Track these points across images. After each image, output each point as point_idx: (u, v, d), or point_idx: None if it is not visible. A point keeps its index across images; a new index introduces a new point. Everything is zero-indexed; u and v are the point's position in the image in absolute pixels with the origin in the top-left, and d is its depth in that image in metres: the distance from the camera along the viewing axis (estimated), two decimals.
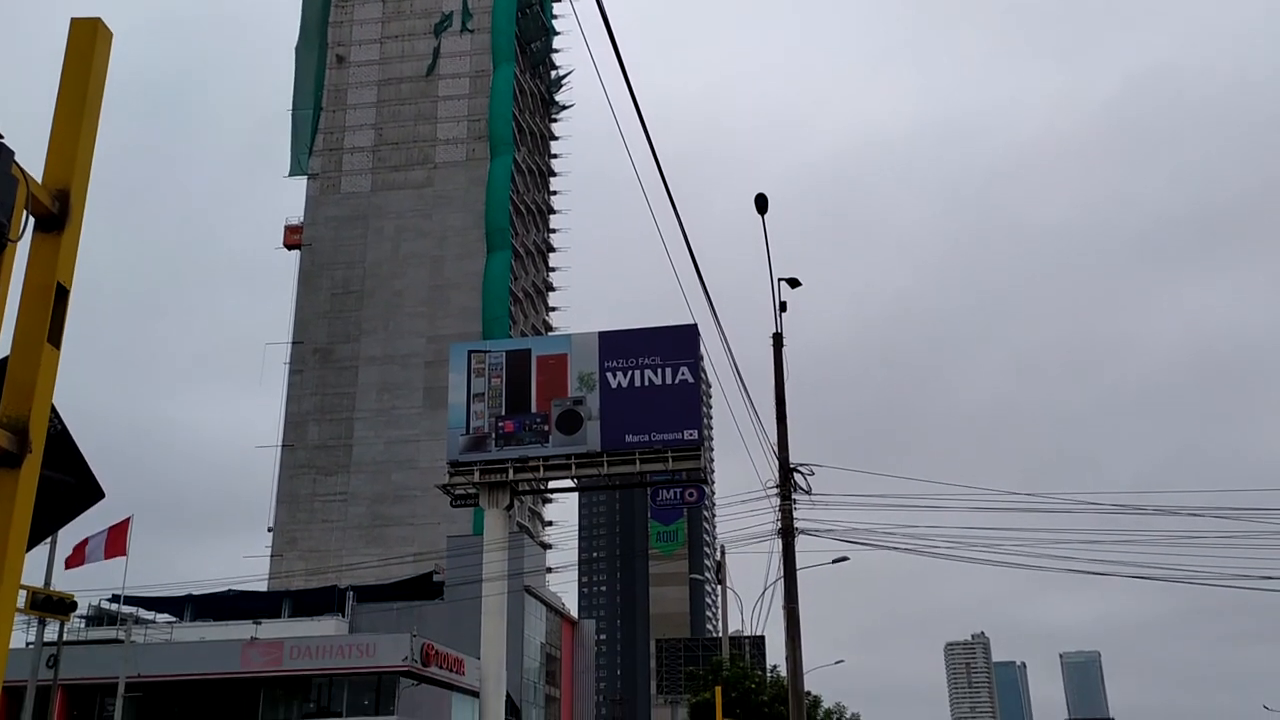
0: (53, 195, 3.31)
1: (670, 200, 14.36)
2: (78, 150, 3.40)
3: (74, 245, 3.34)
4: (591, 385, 42.02)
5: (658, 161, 13.03)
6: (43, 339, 3.15)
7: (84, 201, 3.43)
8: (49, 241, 3.29)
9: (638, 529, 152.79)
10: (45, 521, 3.44)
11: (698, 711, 38.00)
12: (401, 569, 59.89)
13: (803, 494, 24.40)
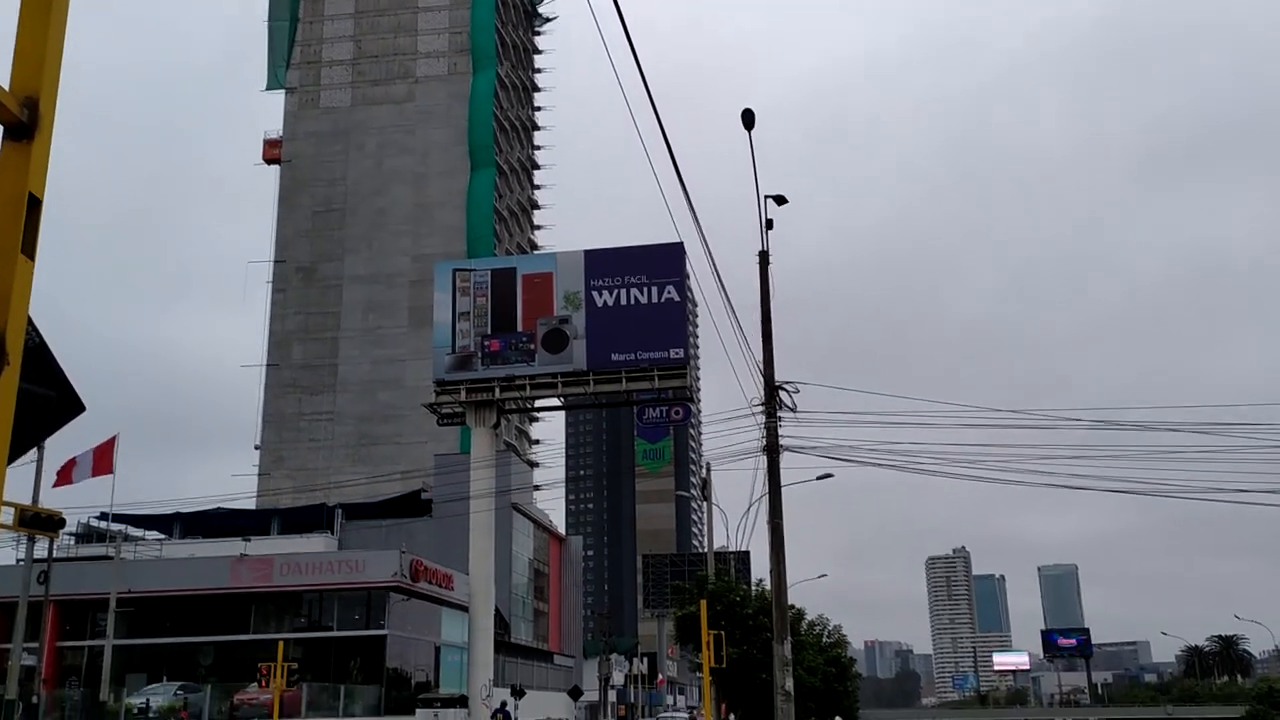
0: (21, 103, 3.21)
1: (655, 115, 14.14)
2: (45, 55, 3.29)
3: (45, 154, 3.25)
4: (577, 304, 41.92)
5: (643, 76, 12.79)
6: (16, 249, 3.07)
7: (54, 109, 3.33)
8: (19, 150, 3.20)
9: (624, 447, 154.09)
10: (25, 435, 3.39)
11: (683, 624, 38.64)
12: (389, 487, 60.33)
13: (788, 411, 24.56)
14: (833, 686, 41.26)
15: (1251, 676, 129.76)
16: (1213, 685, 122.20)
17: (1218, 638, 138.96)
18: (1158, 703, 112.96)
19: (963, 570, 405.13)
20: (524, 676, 60.56)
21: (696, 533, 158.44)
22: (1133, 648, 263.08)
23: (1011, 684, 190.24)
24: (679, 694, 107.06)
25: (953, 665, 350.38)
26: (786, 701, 22.99)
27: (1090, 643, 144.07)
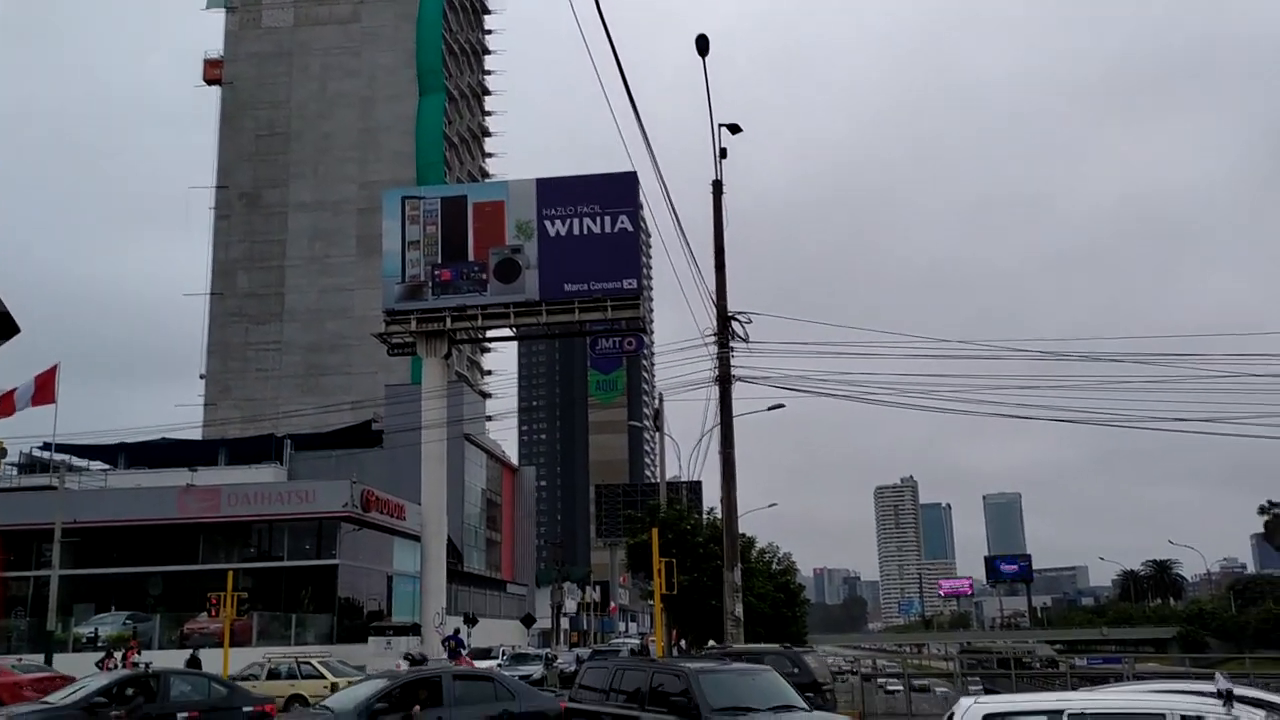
0: None
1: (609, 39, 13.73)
2: None
3: None
4: (529, 233, 41.41)
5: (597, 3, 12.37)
6: None
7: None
8: None
9: (577, 377, 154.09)
10: None
11: (635, 553, 38.97)
12: (339, 417, 59.77)
13: (740, 342, 24.53)
14: (781, 612, 41.97)
15: (1183, 599, 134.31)
16: (1146, 608, 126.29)
17: (1152, 562, 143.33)
18: (1094, 625, 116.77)
19: (910, 499, 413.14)
20: (477, 605, 60.96)
21: (649, 463, 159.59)
22: (1072, 573, 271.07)
23: (955, 609, 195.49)
24: (631, 621, 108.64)
25: (899, 591, 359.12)
26: (736, 627, 23.30)
27: (1031, 568, 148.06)
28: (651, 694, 13.73)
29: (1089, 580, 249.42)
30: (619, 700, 14.28)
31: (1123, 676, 25.66)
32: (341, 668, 29.91)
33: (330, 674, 28.54)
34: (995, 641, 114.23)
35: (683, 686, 13.26)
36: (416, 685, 15.92)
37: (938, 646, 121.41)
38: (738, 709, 12.87)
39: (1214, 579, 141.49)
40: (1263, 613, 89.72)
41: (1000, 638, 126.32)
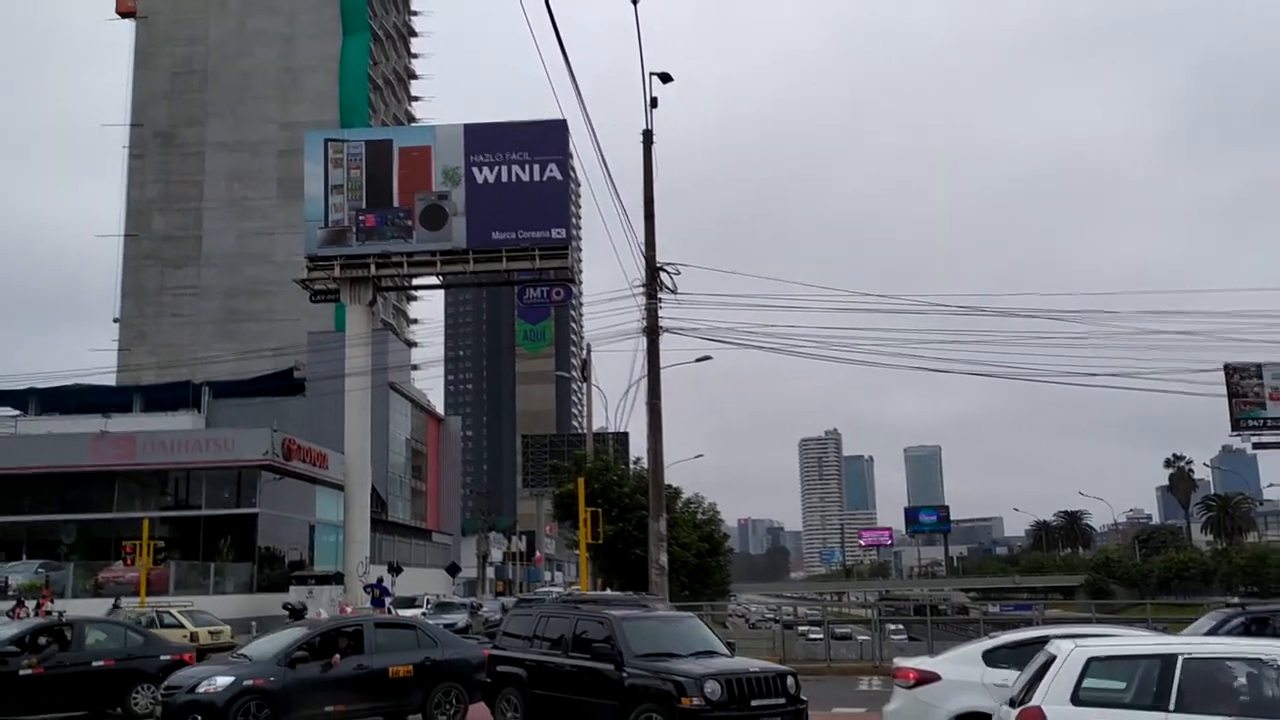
0: None
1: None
2: None
3: None
4: (457, 180, 40.80)
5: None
6: None
7: None
8: None
9: (505, 327, 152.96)
10: None
11: (561, 503, 39.08)
12: (260, 364, 58.57)
13: (668, 293, 24.45)
14: (705, 561, 42.48)
15: (1091, 548, 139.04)
16: (1057, 557, 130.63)
17: (1063, 513, 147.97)
18: (1007, 573, 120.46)
19: (834, 451, 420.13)
20: (402, 554, 60.69)
21: (576, 414, 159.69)
22: (987, 523, 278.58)
23: (875, 558, 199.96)
24: (557, 570, 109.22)
25: (821, 541, 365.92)
26: (661, 575, 23.46)
27: (949, 519, 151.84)
28: (575, 640, 13.80)
29: (1004, 531, 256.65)
30: (543, 647, 14.32)
31: (1032, 622, 26.49)
32: (205, 617, 29.41)
33: (191, 624, 28.03)
34: (913, 590, 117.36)
35: (606, 633, 13.34)
36: (337, 634, 15.77)
37: (857, 595, 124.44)
38: (660, 655, 12.98)
39: (1121, 529, 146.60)
40: (1164, 561, 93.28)
41: (918, 586, 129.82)
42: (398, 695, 15.60)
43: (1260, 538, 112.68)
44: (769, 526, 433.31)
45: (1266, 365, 75.54)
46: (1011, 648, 11.10)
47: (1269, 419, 78.77)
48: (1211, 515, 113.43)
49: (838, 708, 17.72)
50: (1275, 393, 78.50)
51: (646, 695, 12.37)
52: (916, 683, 11.10)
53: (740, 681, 12.32)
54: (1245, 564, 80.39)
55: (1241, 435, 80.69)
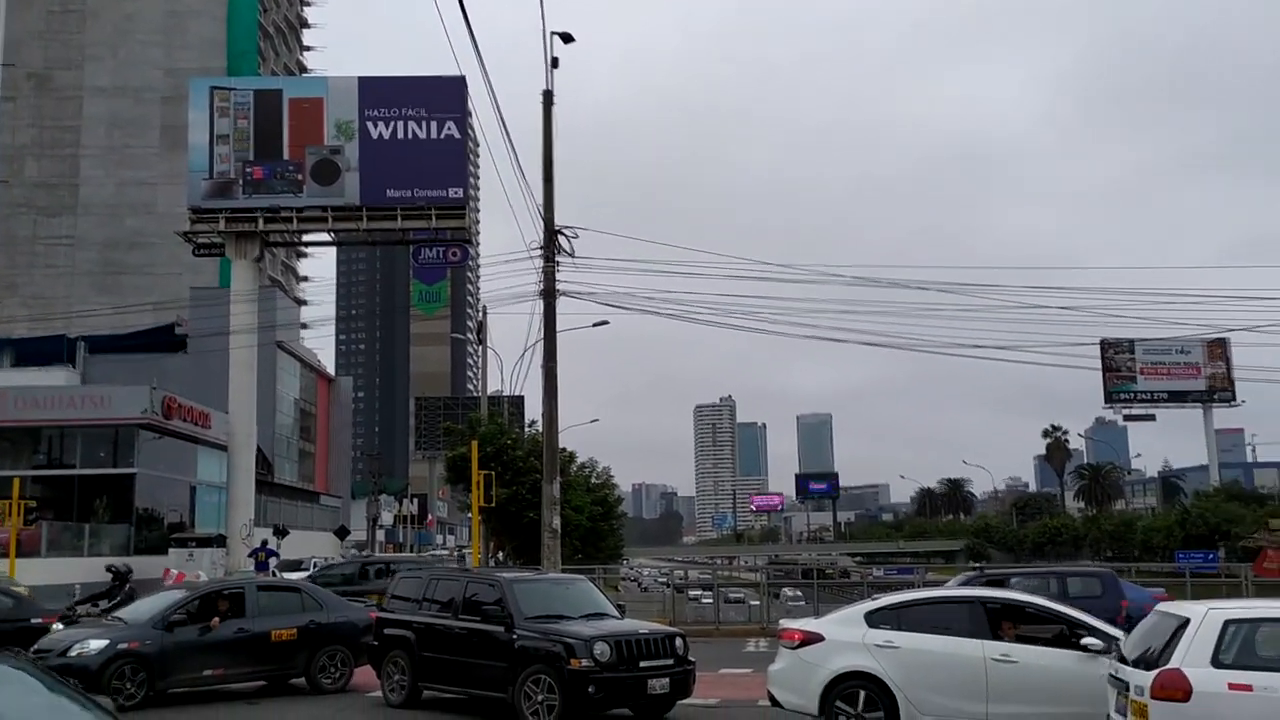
0: None
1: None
2: None
3: None
4: (350, 134, 39.78)
5: None
6: None
7: None
8: None
9: (399, 287, 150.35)
10: None
11: (454, 466, 38.69)
12: (140, 319, 56.36)
13: (566, 257, 24.30)
14: (599, 525, 42.61)
15: (972, 515, 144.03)
16: (940, 522, 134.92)
17: (947, 481, 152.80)
18: (892, 539, 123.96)
19: (728, 418, 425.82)
20: (288, 517, 59.49)
21: (472, 376, 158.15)
22: (875, 490, 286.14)
23: (766, 523, 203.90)
24: (449, 534, 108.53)
25: (714, 506, 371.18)
26: (553, 539, 23.46)
27: (838, 485, 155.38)
28: (465, 603, 13.78)
29: (890, 497, 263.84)
30: (432, 610, 14.25)
31: (914, 585, 27.30)
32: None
33: None
34: (801, 554, 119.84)
35: (497, 596, 13.37)
36: (217, 597, 15.40)
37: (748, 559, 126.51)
38: (550, 617, 13.04)
39: (1000, 496, 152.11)
40: (1039, 526, 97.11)
41: (806, 550, 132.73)
42: (280, 659, 15.34)
43: (1127, 505, 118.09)
44: (663, 491, 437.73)
45: (1139, 341, 79.35)
46: (891, 609, 11.42)
47: (1139, 393, 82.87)
48: (1084, 484, 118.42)
49: (725, 668, 17.99)
50: (1146, 368, 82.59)
51: (536, 657, 12.41)
52: (801, 643, 11.32)
53: (629, 643, 12.43)
54: (1112, 530, 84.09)
55: (1114, 407, 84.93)
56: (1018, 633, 10.94)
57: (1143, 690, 8.20)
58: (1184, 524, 65.11)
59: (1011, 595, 12.18)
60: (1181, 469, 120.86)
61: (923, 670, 10.71)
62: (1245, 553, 49.74)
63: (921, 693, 10.65)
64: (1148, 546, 70.39)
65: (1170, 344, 78.33)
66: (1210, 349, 79.95)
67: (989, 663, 10.51)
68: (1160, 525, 72.63)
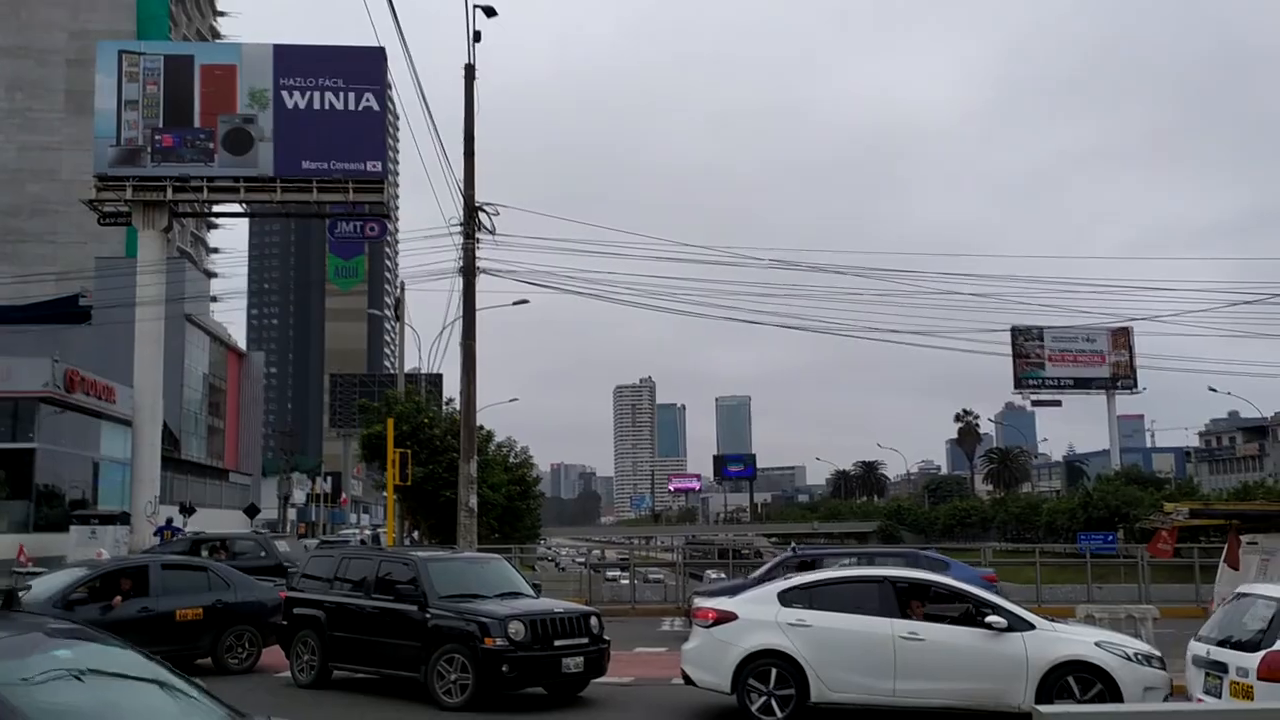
0: None
1: None
2: None
3: None
4: (264, 103, 38.78)
5: None
6: None
7: None
8: None
9: (314, 260, 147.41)
10: None
11: (369, 444, 38.10)
12: (41, 289, 54.30)
13: (487, 234, 24.03)
14: (516, 505, 42.35)
15: (886, 496, 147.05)
16: (854, 504, 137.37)
17: (862, 463, 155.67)
18: (807, 519, 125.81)
19: (648, 399, 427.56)
20: (196, 494, 58.14)
21: (389, 353, 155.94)
22: (791, 472, 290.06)
23: (684, 504, 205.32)
24: (364, 513, 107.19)
25: (632, 487, 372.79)
26: (469, 518, 23.28)
27: (755, 467, 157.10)
28: (378, 582, 13.64)
29: (806, 479, 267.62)
30: (344, 589, 14.05)
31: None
32: None
33: None
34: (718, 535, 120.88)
35: (411, 575, 13.25)
36: (119, 575, 14.99)
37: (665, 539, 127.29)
38: (465, 596, 12.97)
39: (913, 479, 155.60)
40: (949, 508, 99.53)
41: (723, 531, 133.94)
42: (185, 639, 14.96)
43: (1034, 488, 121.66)
44: (581, 472, 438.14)
45: (1048, 329, 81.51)
46: (803, 588, 11.59)
47: (1047, 379, 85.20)
48: (993, 467, 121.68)
49: (640, 647, 18.07)
50: (1054, 355, 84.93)
51: (450, 636, 12.32)
52: (715, 622, 11.41)
53: (544, 622, 12.40)
54: (1019, 512, 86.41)
55: (1023, 393, 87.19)
56: (926, 611, 11.19)
57: (1247, 672, 8.30)
58: (1086, 506, 67.19)
59: (920, 575, 12.46)
60: (1085, 453, 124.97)
61: (833, 648, 10.89)
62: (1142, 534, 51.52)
63: (831, 670, 10.83)
64: (1052, 528, 72.51)
65: (1077, 332, 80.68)
66: (1114, 338, 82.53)
67: (897, 641, 10.73)
68: (1064, 507, 74.88)
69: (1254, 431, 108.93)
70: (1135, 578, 28.05)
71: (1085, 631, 11.57)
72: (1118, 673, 10.38)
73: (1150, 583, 26.88)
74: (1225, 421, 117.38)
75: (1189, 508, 13.43)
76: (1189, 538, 27.04)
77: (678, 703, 12.29)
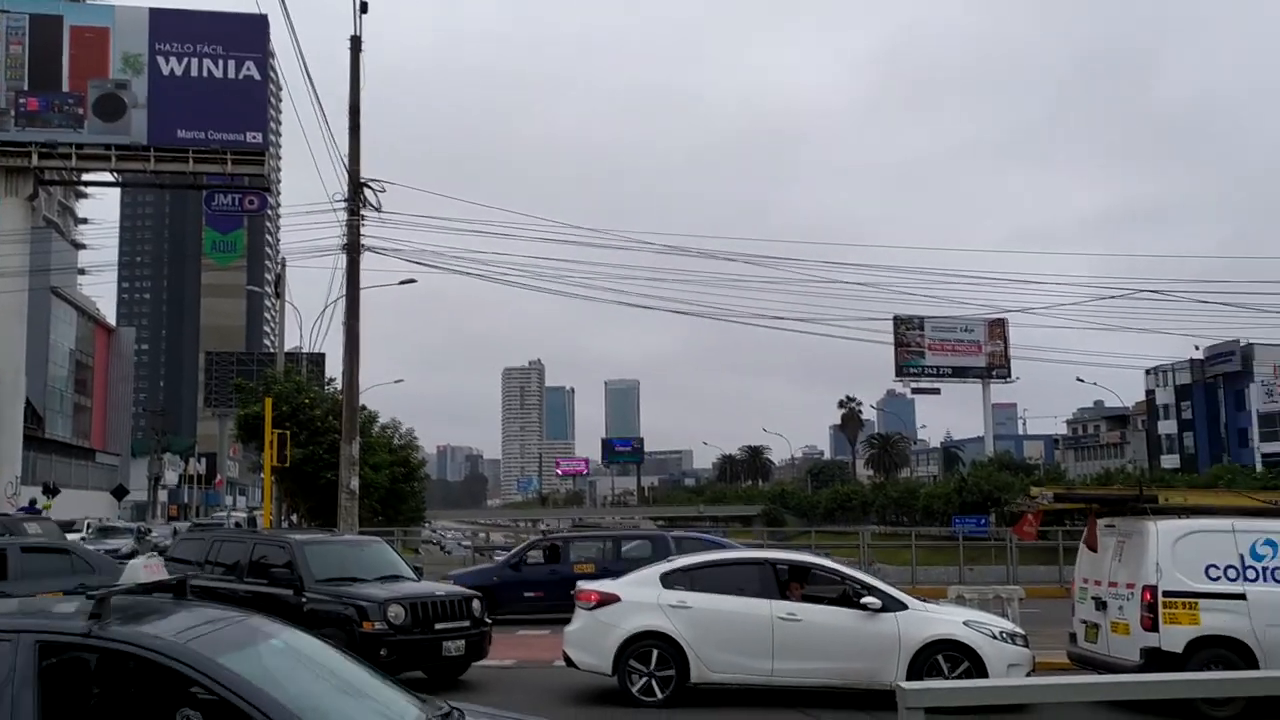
0: None
1: None
2: None
3: None
4: (139, 68, 37.18)
5: None
6: None
7: None
8: None
9: (191, 233, 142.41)
10: None
11: (246, 424, 37.05)
12: None
13: (372, 210, 23.53)
14: (400, 487, 41.80)
15: (770, 481, 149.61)
16: (739, 488, 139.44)
17: (747, 448, 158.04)
18: (693, 503, 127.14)
19: (536, 382, 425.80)
20: (60, 474, 55.79)
21: (269, 331, 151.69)
22: (678, 455, 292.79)
23: (571, 487, 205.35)
24: (240, 495, 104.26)
25: (520, 470, 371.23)
26: (351, 500, 22.84)
27: (643, 451, 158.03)
28: (252, 566, 13.30)
29: (693, 463, 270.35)
30: (216, 573, 13.67)
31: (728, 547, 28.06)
32: None
33: None
34: (604, 518, 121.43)
35: (286, 558, 12.97)
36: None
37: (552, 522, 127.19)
38: (343, 579, 12.73)
39: (797, 464, 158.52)
40: (831, 493, 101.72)
41: (610, 514, 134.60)
42: None
43: (912, 473, 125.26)
44: (468, 454, 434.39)
45: (929, 319, 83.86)
46: (685, 571, 11.70)
47: (927, 367, 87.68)
48: (874, 452, 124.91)
49: (522, 630, 18.00)
50: (934, 344, 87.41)
51: (327, 620, 12.04)
52: (597, 604, 11.43)
53: (425, 605, 12.25)
54: (898, 497, 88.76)
55: (904, 381, 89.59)
56: (804, 593, 11.41)
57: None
58: (961, 491, 69.36)
59: (800, 557, 12.73)
60: (961, 440, 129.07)
61: (713, 629, 11.02)
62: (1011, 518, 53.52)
63: (711, 651, 10.95)
64: (928, 512, 74.75)
65: (956, 322, 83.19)
66: (991, 328, 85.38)
67: (775, 621, 10.91)
68: (940, 492, 77.18)
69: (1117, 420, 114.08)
70: (1004, 559, 29.15)
71: (955, 611, 11.96)
72: (984, 650, 10.76)
73: (1018, 564, 27.97)
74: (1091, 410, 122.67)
75: (1053, 492, 13.96)
76: (1055, 521, 28.24)
77: (559, 685, 12.27)
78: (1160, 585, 10.70)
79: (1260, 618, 10.50)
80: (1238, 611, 10.56)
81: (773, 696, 11.34)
